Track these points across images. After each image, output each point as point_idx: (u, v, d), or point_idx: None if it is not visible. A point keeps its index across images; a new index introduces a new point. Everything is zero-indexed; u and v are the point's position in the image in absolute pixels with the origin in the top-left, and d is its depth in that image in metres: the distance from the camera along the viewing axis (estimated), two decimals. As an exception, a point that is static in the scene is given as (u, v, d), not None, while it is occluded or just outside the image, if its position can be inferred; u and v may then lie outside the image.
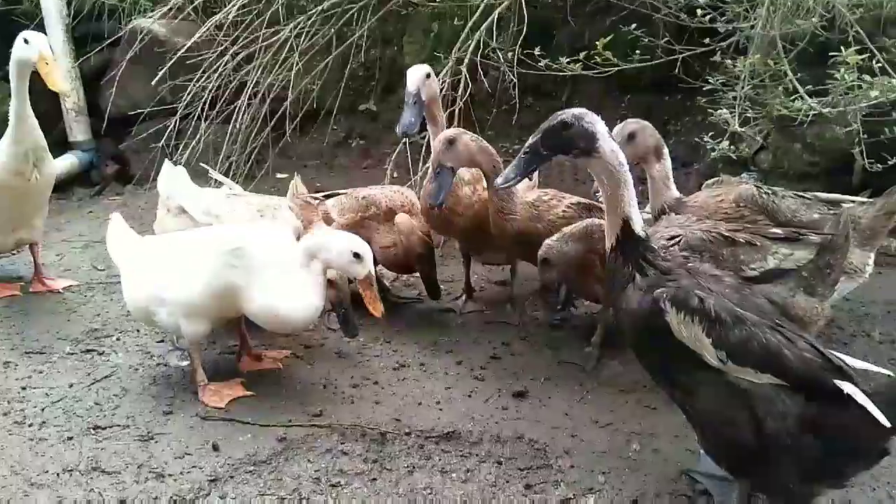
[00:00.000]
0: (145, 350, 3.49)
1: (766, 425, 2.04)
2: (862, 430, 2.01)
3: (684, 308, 2.08)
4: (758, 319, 2.09)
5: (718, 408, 2.10)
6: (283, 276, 2.89)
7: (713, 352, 2.05)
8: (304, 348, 3.53)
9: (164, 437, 2.81)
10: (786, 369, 2.03)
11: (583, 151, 2.13)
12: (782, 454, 2.07)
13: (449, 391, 3.15)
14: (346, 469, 2.66)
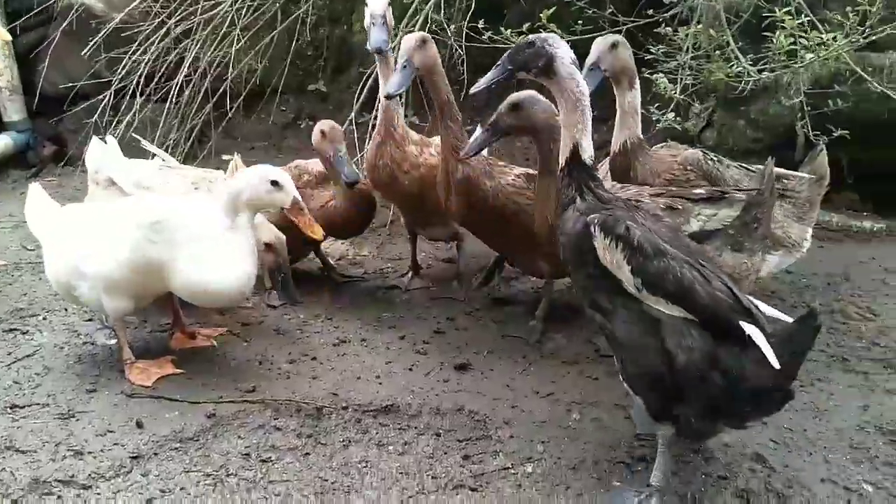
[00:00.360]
0: (72, 329, 3.33)
1: (675, 357, 2.13)
2: (760, 371, 2.08)
3: (610, 234, 2.18)
4: (679, 255, 2.17)
5: (632, 334, 2.20)
6: (211, 249, 2.75)
7: (630, 279, 2.14)
8: (241, 325, 3.40)
9: (86, 416, 2.67)
10: (695, 304, 2.12)
11: (542, 70, 2.30)
12: (688, 387, 2.15)
13: (389, 365, 3.07)
14: (278, 444, 2.56)
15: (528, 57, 2.31)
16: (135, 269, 2.76)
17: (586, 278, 2.28)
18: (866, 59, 4.04)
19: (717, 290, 2.13)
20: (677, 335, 2.13)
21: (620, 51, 3.12)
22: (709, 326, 2.13)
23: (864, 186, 4.55)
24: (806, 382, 2.95)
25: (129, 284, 2.81)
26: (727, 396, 2.12)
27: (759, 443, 2.58)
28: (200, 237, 2.76)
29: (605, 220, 2.20)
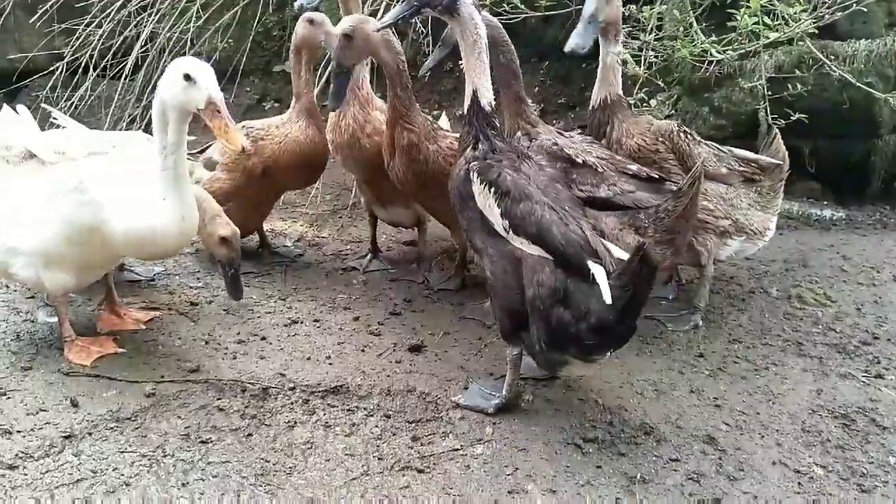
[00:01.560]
0: (12, 306, 3.19)
1: (526, 291, 2.34)
2: (601, 306, 2.21)
3: (486, 180, 2.39)
4: (543, 200, 2.35)
5: (496, 269, 2.40)
6: (144, 195, 2.59)
7: (500, 221, 2.35)
8: (189, 305, 3.30)
9: (18, 394, 2.56)
10: (551, 245, 2.30)
11: (446, 9, 2.42)
12: (535, 317, 2.34)
13: (341, 346, 2.99)
14: (219, 425, 2.48)
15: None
16: (70, 240, 2.63)
17: (467, 220, 2.47)
18: (828, 47, 4.05)
19: (571, 232, 2.31)
20: (532, 272, 2.33)
21: (616, 1, 3.04)
22: (560, 264, 2.30)
23: (824, 175, 4.58)
24: (760, 366, 2.94)
25: (67, 257, 2.68)
26: (571, 327, 2.28)
27: (711, 425, 2.56)
28: (129, 188, 2.60)
29: (481, 166, 2.41)
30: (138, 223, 2.59)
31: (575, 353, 2.37)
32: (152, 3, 4.75)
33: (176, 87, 2.45)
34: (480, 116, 2.47)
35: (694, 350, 3.03)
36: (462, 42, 2.46)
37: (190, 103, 2.46)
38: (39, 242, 2.65)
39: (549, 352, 2.38)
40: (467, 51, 2.45)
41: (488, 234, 2.41)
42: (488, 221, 2.39)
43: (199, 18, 4.90)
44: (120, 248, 2.69)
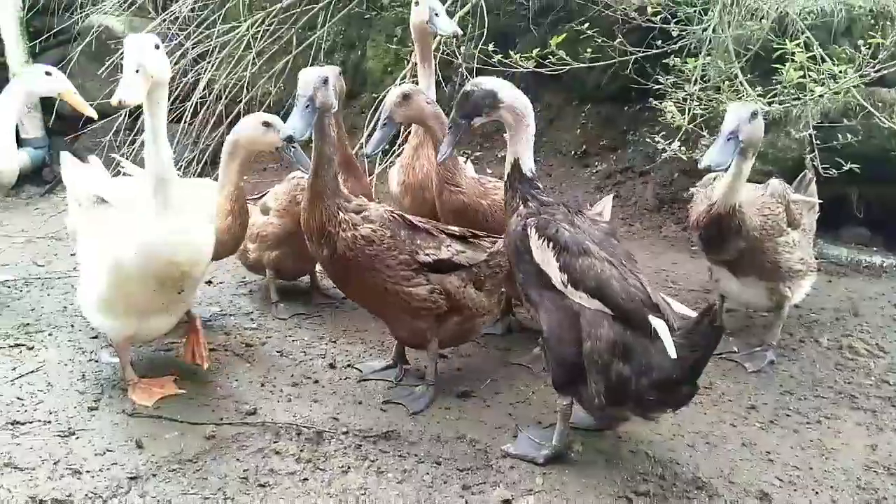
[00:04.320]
0: (78, 345, 3.34)
1: (583, 344, 2.36)
2: (664, 362, 2.27)
3: (543, 234, 2.44)
4: (602, 255, 2.41)
5: (556, 324, 2.43)
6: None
7: (558, 274, 2.40)
8: (244, 346, 3.41)
9: (87, 434, 2.67)
10: (611, 300, 2.34)
11: (492, 108, 2.51)
12: (595, 374, 2.37)
13: (392, 391, 3.05)
14: (276, 469, 2.55)
15: (476, 103, 2.52)
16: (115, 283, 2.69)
17: (523, 274, 2.51)
18: (876, 94, 4.05)
19: (631, 287, 2.36)
20: (590, 325, 2.36)
21: (759, 122, 2.89)
22: (620, 318, 2.34)
23: (873, 221, 4.53)
24: (813, 420, 2.91)
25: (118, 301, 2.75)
26: (632, 383, 2.32)
27: (764, 480, 2.54)
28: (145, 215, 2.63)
29: (539, 222, 2.47)
30: (131, 242, 2.59)
31: (634, 409, 2.41)
32: (210, 52, 4.98)
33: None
34: (523, 181, 2.54)
35: (745, 401, 3.01)
36: (509, 120, 2.52)
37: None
38: (92, 288, 2.78)
39: (609, 407, 2.41)
40: (515, 128, 2.52)
41: (545, 287, 2.44)
42: (545, 275, 2.42)
43: (254, 65, 5.11)
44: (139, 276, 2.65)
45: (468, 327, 2.96)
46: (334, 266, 2.83)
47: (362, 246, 2.73)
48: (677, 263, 4.31)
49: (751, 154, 2.95)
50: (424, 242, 2.81)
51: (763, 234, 3.05)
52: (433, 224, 2.91)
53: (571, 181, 5.32)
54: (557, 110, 5.52)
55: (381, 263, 2.74)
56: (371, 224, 2.76)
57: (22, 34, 6.18)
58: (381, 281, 2.76)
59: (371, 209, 2.83)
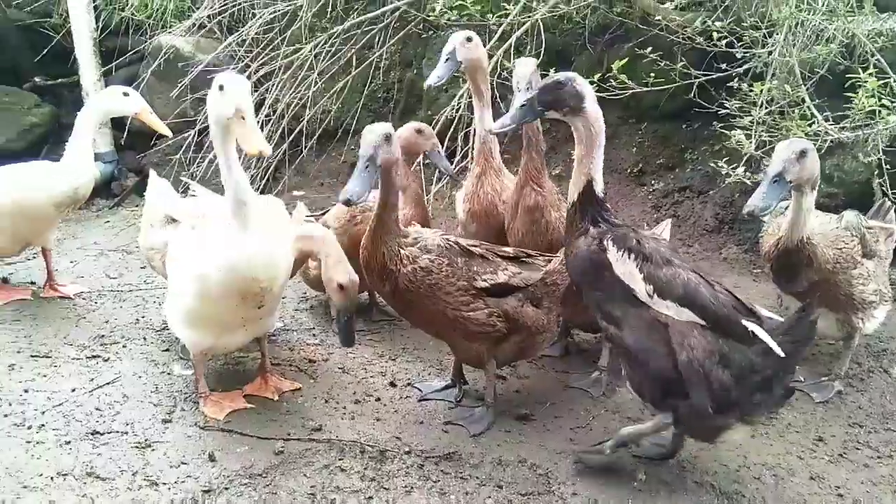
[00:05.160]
0: (150, 357, 3.48)
1: (678, 356, 2.31)
2: (765, 362, 2.30)
3: (623, 246, 2.39)
4: (683, 264, 2.40)
5: (644, 340, 2.37)
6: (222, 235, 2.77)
7: (643, 286, 2.34)
8: (308, 362, 3.49)
9: (162, 446, 2.78)
10: (702, 307, 2.31)
11: (572, 110, 2.43)
12: (692, 383, 2.32)
13: (452, 411, 3.09)
14: (342, 486, 2.61)
15: (560, 96, 2.41)
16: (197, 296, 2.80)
17: (600, 293, 2.44)
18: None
19: (719, 293, 2.34)
20: (681, 336, 2.32)
21: (809, 160, 2.71)
22: (714, 327, 2.30)
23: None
24: (884, 454, 2.84)
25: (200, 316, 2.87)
26: (735, 389, 2.30)
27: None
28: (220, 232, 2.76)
29: (616, 235, 2.42)
30: (214, 260, 2.71)
31: (739, 414, 2.38)
32: (275, 73, 5.15)
33: (212, 98, 2.57)
34: (595, 202, 2.50)
35: (812, 433, 2.95)
36: (583, 136, 2.46)
37: (222, 112, 2.53)
38: (178, 302, 2.90)
39: (713, 417, 2.36)
40: (588, 144, 2.46)
41: (628, 302, 2.38)
42: (628, 289, 2.37)
43: (316, 84, 5.25)
44: (222, 291, 2.74)
45: (528, 345, 2.98)
46: (396, 298, 2.89)
47: (422, 277, 2.79)
48: (740, 287, 4.21)
49: (809, 188, 2.81)
50: (481, 268, 2.84)
51: (836, 267, 2.98)
52: (487, 248, 2.95)
53: (628, 200, 5.28)
54: (613, 128, 5.48)
55: (440, 291, 2.79)
56: (428, 254, 2.81)
57: (95, 54, 6.46)
58: (441, 308, 2.81)
59: (427, 239, 2.88)
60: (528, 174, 3.24)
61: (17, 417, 2.93)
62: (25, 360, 3.40)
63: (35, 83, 7.15)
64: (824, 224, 3.10)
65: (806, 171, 2.72)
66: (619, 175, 5.43)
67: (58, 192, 3.84)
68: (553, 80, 2.44)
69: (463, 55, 3.35)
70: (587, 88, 2.44)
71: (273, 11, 5.09)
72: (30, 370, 3.31)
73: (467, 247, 2.87)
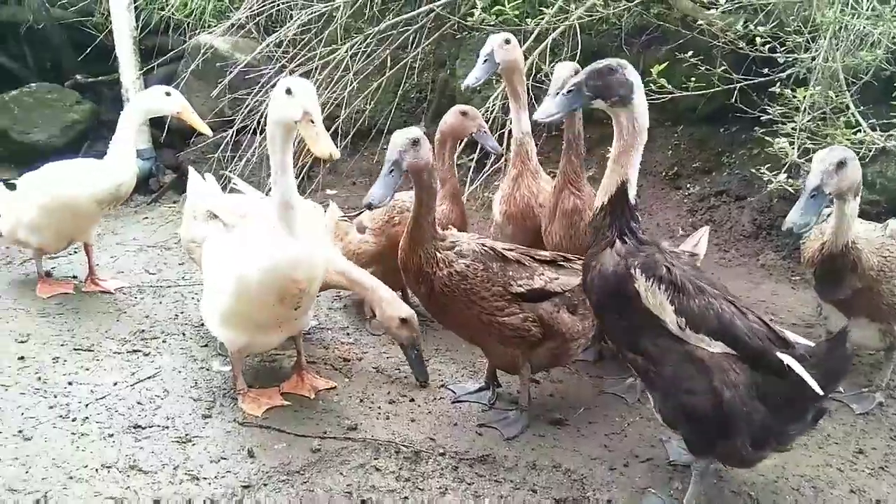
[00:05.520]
0: (189, 353, 3.55)
1: (722, 395, 2.19)
2: (801, 396, 2.21)
3: (653, 276, 2.23)
4: (715, 292, 2.26)
5: (679, 375, 2.24)
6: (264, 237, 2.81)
7: (674, 318, 2.21)
8: (343, 361, 3.53)
9: (202, 441, 2.84)
10: (736, 338, 2.20)
11: (621, 100, 2.21)
12: (737, 422, 2.21)
13: (486, 414, 3.10)
14: (378, 485, 2.64)
15: (611, 83, 2.19)
16: (234, 295, 2.85)
17: (626, 321, 2.28)
18: None
19: (753, 323, 2.22)
20: (721, 371, 2.19)
21: (850, 169, 2.62)
22: (748, 359, 2.20)
23: None
24: (926, 470, 2.78)
25: (236, 315, 2.92)
26: (773, 423, 2.22)
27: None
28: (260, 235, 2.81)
29: (644, 262, 2.24)
30: (256, 261, 2.75)
31: (775, 445, 2.31)
32: (311, 73, 5.20)
33: (279, 101, 2.57)
34: (627, 209, 2.29)
35: (852, 445, 2.90)
36: (625, 131, 2.24)
37: (289, 115, 2.53)
38: (215, 300, 2.96)
39: (750, 451, 2.27)
40: (628, 141, 2.24)
41: (656, 333, 2.24)
42: (657, 321, 2.22)
43: (351, 85, 5.29)
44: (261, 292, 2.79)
45: (562, 352, 2.98)
46: (431, 301, 2.91)
47: (457, 282, 2.80)
48: (778, 295, 4.18)
49: (851, 196, 2.72)
50: (516, 273, 2.84)
51: (880, 275, 2.93)
52: (523, 252, 2.94)
53: (662, 203, 5.24)
54: (648, 131, 5.44)
55: (475, 296, 2.80)
56: (464, 259, 2.82)
57: (135, 52, 6.59)
58: (475, 313, 2.82)
59: (463, 243, 2.88)
60: (566, 177, 3.23)
61: (62, 409, 3.02)
62: (69, 354, 3.49)
63: (76, 80, 7.32)
64: (869, 231, 3.05)
65: (846, 182, 2.64)
66: (654, 178, 5.39)
67: (101, 189, 3.93)
68: (604, 65, 2.22)
69: (501, 57, 3.35)
70: (637, 78, 2.24)
71: (310, 13, 5.14)
72: (73, 363, 3.40)
73: (503, 252, 2.87)
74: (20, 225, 4.07)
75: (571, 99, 2.25)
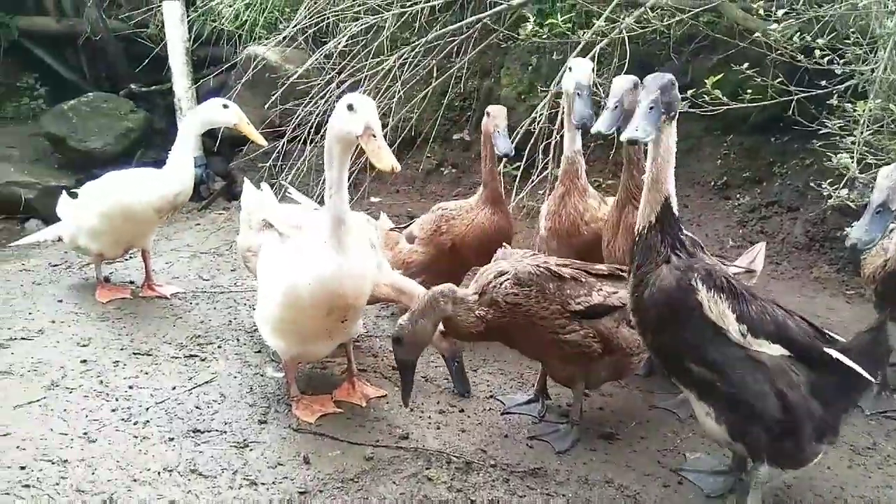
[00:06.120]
0: (244, 359, 3.63)
1: (788, 396, 2.26)
2: (852, 386, 2.32)
3: (713, 286, 2.27)
4: (764, 297, 2.32)
5: (744, 382, 2.27)
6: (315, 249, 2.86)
7: (736, 326, 2.25)
8: (392, 370, 3.58)
9: (259, 446, 2.91)
10: (792, 339, 2.27)
11: (673, 116, 2.24)
12: (802, 420, 2.28)
13: (536, 426, 3.11)
14: (430, 495, 2.66)
15: (674, 98, 2.20)
16: (283, 306, 2.91)
17: (687, 335, 2.30)
18: None
19: (800, 323, 2.31)
20: (783, 373, 2.26)
21: None
22: (804, 359, 2.27)
23: None
24: None
25: (287, 324, 2.98)
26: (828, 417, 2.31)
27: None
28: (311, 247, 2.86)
29: (704, 274, 2.28)
30: (306, 274, 2.81)
31: (831, 439, 2.38)
32: (359, 83, 5.28)
33: (340, 117, 2.63)
34: (675, 223, 2.33)
35: (914, 468, 2.84)
36: (662, 149, 2.25)
37: (351, 130, 2.59)
38: (267, 310, 3.03)
39: (813, 446, 2.34)
40: (664, 157, 2.26)
41: (719, 344, 2.27)
42: (720, 331, 2.26)
43: (397, 94, 5.36)
44: (310, 305, 2.85)
45: (622, 366, 2.96)
46: (494, 337, 2.98)
47: (510, 310, 2.81)
48: (833, 309, 4.10)
49: None
50: (574, 291, 2.83)
51: None
52: (579, 267, 2.93)
53: (711, 214, 5.18)
54: (696, 140, 5.39)
55: (535, 317, 2.81)
56: (515, 287, 2.81)
57: (187, 63, 6.79)
58: (535, 332, 2.83)
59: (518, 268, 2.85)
60: (628, 192, 3.20)
61: (123, 413, 3.12)
62: (129, 358, 3.61)
63: (130, 90, 7.58)
64: None
65: None
66: (703, 188, 5.34)
67: (158, 197, 4.06)
68: (668, 79, 2.19)
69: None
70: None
71: (359, 25, 5.22)
72: (133, 367, 3.52)
73: (557, 271, 2.85)
74: (81, 232, 4.23)
75: (655, 116, 2.18)
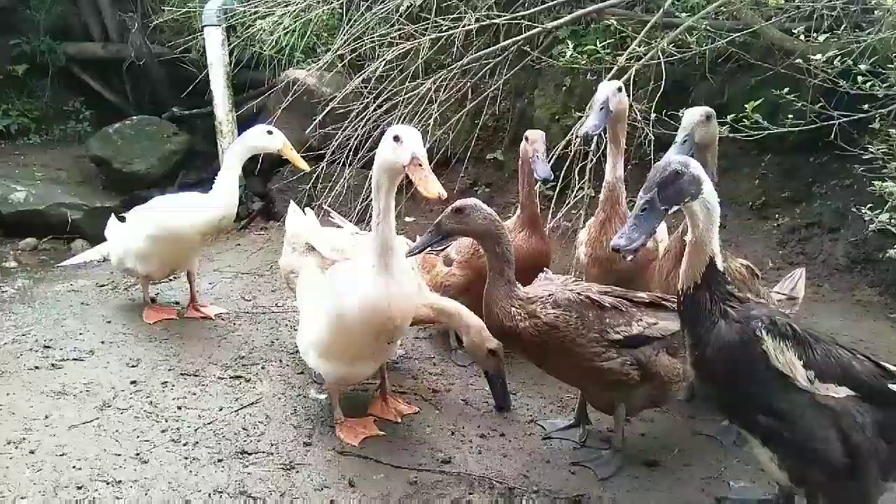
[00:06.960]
0: (287, 380, 3.70)
1: (855, 439, 2.22)
2: None
3: (779, 335, 2.23)
4: (825, 338, 2.29)
5: (811, 428, 2.24)
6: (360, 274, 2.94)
7: (804, 373, 2.22)
8: (431, 392, 3.62)
9: (305, 468, 2.96)
10: (858, 380, 2.24)
11: (693, 197, 2.22)
12: (869, 462, 2.23)
13: (577, 452, 3.12)
14: (474, 521, 2.70)
15: (679, 189, 2.18)
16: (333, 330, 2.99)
17: (754, 386, 2.25)
18: None
19: (863, 363, 2.27)
20: (849, 416, 2.23)
21: None
22: (870, 399, 2.25)
23: None
24: None
25: (334, 347, 3.06)
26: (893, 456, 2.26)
27: None
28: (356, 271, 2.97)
29: (768, 323, 2.24)
30: (355, 298, 2.88)
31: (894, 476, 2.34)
32: (396, 106, 5.38)
33: (387, 148, 2.73)
34: (720, 278, 2.30)
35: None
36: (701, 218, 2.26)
37: (398, 160, 2.68)
38: (313, 334, 3.10)
39: (880, 485, 2.31)
40: (704, 223, 2.26)
41: (786, 392, 2.24)
42: (787, 379, 2.23)
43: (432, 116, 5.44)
44: (360, 328, 2.92)
45: (660, 394, 2.96)
46: (525, 353, 3.00)
47: (546, 331, 2.83)
48: (877, 333, 4.03)
49: None
50: (614, 320, 2.84)
51: None
52: (620, 295, 2.93)
53: (749, 234, 5.14)
54: (733, 159, 5.35)
55: (571, 344, 2.82)
56: (556, 309, 2.83)
57: (228, 87, 6.96)
58: (573, 359, 2.85)
59: (558, 292, 2.88)
60: None
61: (173, 433, 3.21)
62: (177, 379, 3.71)
63: (173, 113, 7.80)
64: None
65: None
66: (740, 208, 5.30)
67: (203, 221, 4.17)
68: (671, 172, 2.19)
69: (615, 105, 3.37)
70: (700, 169, 2.24)
71: (396, 51, 5.32)
72: (181, 388, 3.61)
73: (598, 299, 2.86)
74: (129, 254, 4.36)
75: (652, 217, 2.21)
